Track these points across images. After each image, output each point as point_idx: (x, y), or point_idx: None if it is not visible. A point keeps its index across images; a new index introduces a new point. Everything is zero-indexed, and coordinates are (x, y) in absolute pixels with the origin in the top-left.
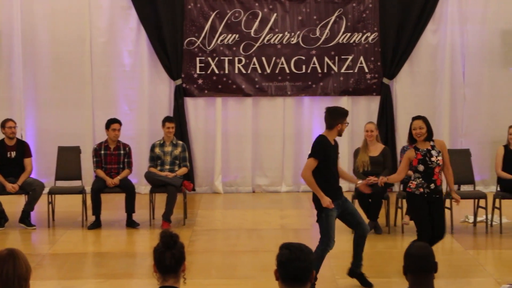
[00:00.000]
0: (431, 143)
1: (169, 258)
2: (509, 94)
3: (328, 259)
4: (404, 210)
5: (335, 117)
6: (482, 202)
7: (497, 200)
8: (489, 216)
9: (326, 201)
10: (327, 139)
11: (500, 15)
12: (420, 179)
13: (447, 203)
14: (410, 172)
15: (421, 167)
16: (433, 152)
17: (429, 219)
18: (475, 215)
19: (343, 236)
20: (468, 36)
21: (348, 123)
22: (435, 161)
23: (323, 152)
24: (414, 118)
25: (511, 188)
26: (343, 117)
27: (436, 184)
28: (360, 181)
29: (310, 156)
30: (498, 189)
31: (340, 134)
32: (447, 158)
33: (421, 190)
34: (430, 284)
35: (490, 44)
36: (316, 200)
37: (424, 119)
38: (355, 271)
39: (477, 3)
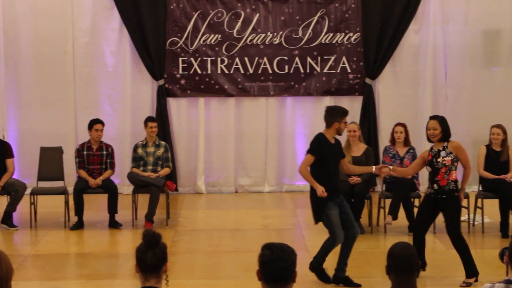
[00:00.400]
0: (445, 143)
1: (151, 257)
2: (491, 94)
3: (311, 259)
4: (387, 210)
5: (332, 115)
6: (464, 202)
7: (479, 200)
8: (471, 216)
9: (320, 189)
10: (325, 137)
11: (482, 15)
12: (429, 179)
13: None
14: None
15: (429, 168)
16: (442, 153)
17: (430, 218)
18: None
19: (327, 236)
20: (450, 37)
21: (347, 122)
22: (441, 161)
23: (320, 149)
24: (430, 118)
25: (493, 187)
26: (340, 115)
27: (439, 185)
28: (374, 168)
29: (307, 152)
30: (480, 188)
31: (339, 133)
32: (463, 159)
33: (429, 190)
34: (413, 283)
35: (472, 44)
36: (314, 203)
37: (440, 119)
38: (340, 276)
39: (459, 4)
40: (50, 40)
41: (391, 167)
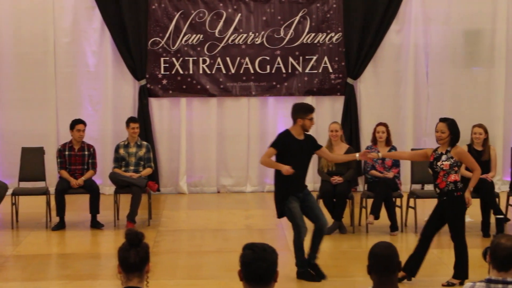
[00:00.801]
0: (448, 148)
1: (134, 256)
2: (472, 94)
3: (293, 259)
4: (369, 209)
5: (295, 112)
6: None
7: None
8: None
9: (284, 168)
10: (290, 133)
11: (463, 15)
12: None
13: (411, 202)
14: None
15: (430, 171)
16: (443, 157)
17: (437, 222)
18: None
19: (308, 236)
20: (431, 37)
21: (312, 119)
22: (440, 165)
23: (282, 144)
24: (439, 120)
25: (475, 187)
26: (303, 112)
27: (439, 188)
28: (357, 154)
29: (269, 145)
30: None
31: (305, 129)
32: (469, 164)
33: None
34: (394, 283)
35: (453, 44)
36: (276, 198)
37: (449, 122)
38: (309, 262)
39: (440, 4)
40: (31, 40)
41: (380, 154)
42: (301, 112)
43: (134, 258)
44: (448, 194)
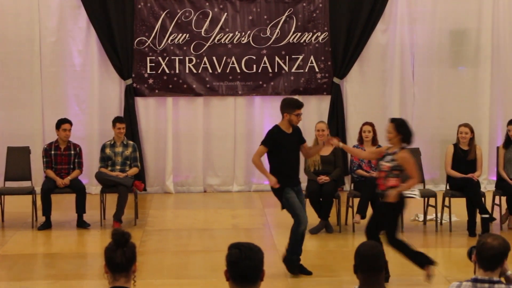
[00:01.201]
0: (396, 149)
1: (120, 256)
2: (458, 93)
3: (280, 258)
4: (355, 209)
5: (282, 107)
6: (432, 201)
7: (447, 199)
8: (439, 215)
9: (272, 180)
10: (280, 129)
11: (448, 15)
12: None
13: None
14: None
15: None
16: (387, 157)
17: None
18: (425, 214)
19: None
20: (417, 36)
21: (298, 114)
22: (381, 165)
23: (271, 140)
24: (389, 120)
25: (461, 186)
26: (290, 107)
27: (379, 188)
28: (323, 142)
29: (260, 143)
30: (448, 187)
31: (292, 124)
32: (409, 171)
33: None
34: (380, 282)
35: (439, 43)
36: (274, 190)
37: (397, 123)
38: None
39: (426, 3)
40: (17, 40)
41: (340, 144)
42: (288, 107)
43: (120, 258)
44: (384, 197)
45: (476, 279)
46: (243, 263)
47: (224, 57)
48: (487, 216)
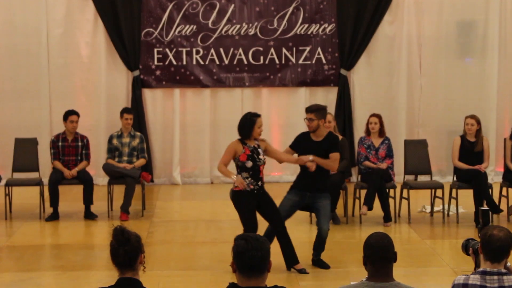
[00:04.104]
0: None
1: (123, 254)
2: (465, 84)
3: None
4: (362, 200)
5: (319, 113)
6: (439, 192)
7: (454, 190)
8: (446, 206)
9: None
10: (307, 134)
11: (456, 6)
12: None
13: (404, 193)
14: None
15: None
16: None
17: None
18: (432, 205)
19: (300, 226)
20: (424, 27)
21: (306, 119)
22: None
23: (298, 144)
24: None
25: (468, 178)
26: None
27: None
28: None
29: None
30: (455, 179)
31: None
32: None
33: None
34: (390, 273)
35: (446, 35)
36: None
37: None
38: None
39: None
40: (24, 31)
41: (310, 157)
42: (324, 114)
43: (123, 256)
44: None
45: (484, 271)
46: (250, 253)
47: (231, 49)
48: (487, 208)
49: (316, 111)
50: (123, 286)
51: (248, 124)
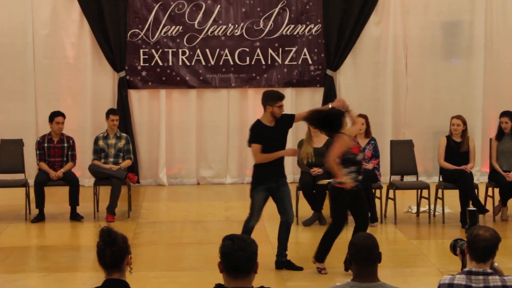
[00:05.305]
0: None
1: (109, 255)
2: (451, 85)
3: (273, 250)
4: None
5: (263, 99)
6: (425, 193)
7: (440, 191)
8: (432, 206)
9: (288, 152)
10: (261, 123)
11: (441, 7)
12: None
13: (391, 193)
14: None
15: None
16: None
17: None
18: (418, 206)
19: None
20: (410, 28)
21: (281, 106)
22: None
23: (259, 136)
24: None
25: (454, 178)
26: (271, 99)
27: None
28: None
29: (249, 144)
30: (441, 179)
31: (275, 116)
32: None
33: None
34: (375, 274)
35: (432, 35)
36: (252, 176)
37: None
38: (280, 261)
39: None
40: (10, 31)
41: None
42: (270, 99)
43: (110, 257)
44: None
45: (470, 271)
46: (236, 254)
47: (217, 49)
48: (474, 208)
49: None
50: (109, 287)
51: (340, 116)
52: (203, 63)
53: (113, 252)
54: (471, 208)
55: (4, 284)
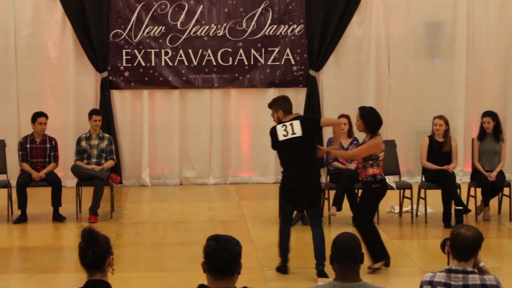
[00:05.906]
0: (366, 138)
1: (91, 255)
2: (433, 85)
3: (256, 250)
4: (331, 201)
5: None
6: (407, 193)
7: (422, 191)
8: (414, 207)
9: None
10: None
11: (424, 7)
12: None
13: None
14: None
15: None
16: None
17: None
18: (401, 206)
19: (271, 227)
20: (392, 28)
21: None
22: None
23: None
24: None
25: (436, 178)
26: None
27: (361, 177)
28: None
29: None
30: (423, 179)
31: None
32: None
33: None
34: (356, 273)
35: (414, 35)
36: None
37: (362, 111)
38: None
39: None
40: None
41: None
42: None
43: (91, 258)
44: (365, 184)
45: (450, 269)
46: (220, 255)
47: (200, 50)
48: (460, 208)
49: (270, 106)
50: None
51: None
52: (186, 64)
53: (95, 253)
54: (458, 207)
55: None
